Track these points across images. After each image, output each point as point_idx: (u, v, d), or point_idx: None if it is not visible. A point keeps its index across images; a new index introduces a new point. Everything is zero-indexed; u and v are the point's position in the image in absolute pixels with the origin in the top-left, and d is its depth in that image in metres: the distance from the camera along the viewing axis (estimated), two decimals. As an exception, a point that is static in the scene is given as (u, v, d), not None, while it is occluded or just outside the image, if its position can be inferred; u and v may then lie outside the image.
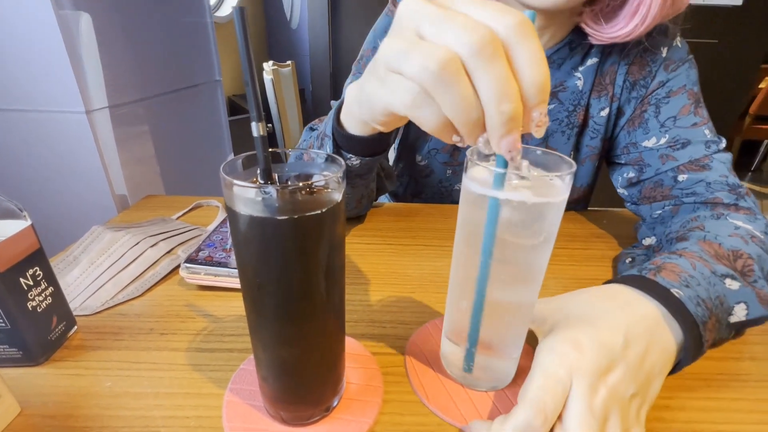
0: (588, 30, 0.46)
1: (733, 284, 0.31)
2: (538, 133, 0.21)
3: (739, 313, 0.31)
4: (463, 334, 0.28)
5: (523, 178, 0.24)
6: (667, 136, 0.48)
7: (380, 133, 0.33)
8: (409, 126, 0.60)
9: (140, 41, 0.74)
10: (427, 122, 0.21)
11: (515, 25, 0.19)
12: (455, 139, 0.22)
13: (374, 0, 2.20)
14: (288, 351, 0.24)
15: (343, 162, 0.22)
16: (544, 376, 0.24)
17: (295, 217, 0.19)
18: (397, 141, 0.63)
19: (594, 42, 0.47)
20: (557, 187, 0.24)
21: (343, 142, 0.37)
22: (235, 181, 0.19)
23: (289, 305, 0.22)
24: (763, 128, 3.04)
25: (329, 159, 0.23)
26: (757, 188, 3.16)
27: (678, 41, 0.50)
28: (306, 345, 0.24)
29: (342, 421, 0.26)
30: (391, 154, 0.69)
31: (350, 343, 0.33)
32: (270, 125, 1.77)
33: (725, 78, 2.16)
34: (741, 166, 3.44)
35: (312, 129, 0.51)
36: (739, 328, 0.33)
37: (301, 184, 0.19)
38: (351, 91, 0.32)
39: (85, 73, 0.55)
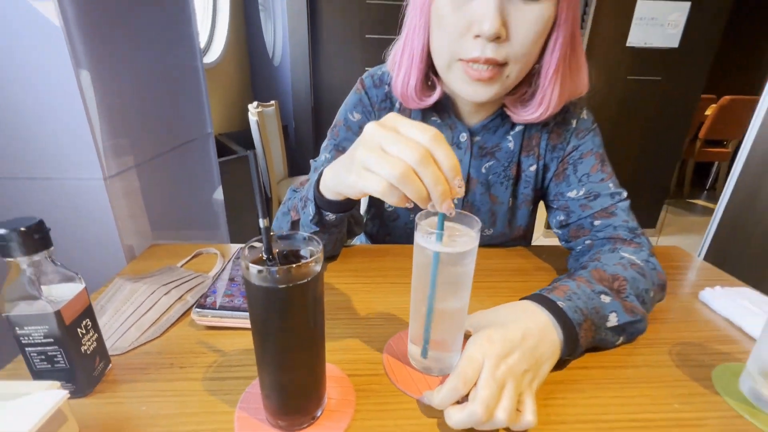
0: (508, 112, 0.59)
1: (606, 299, 0.44)
2: (460, 193, 0.34)
3: (613, 320, 0.44)
4: (420, 336, 0.40)
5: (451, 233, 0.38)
6: (583, 189, 0.62)
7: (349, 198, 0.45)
8: None
9: (145, 99, 0.82)
10: (390, 200, 0.34)
11: (433, 136, 0.33)
12: (408, 205, 0.35)
13: (352, 40, 2.37)
14: (285, 375, 0.33)
15: (320, 241, 0.33)
16: (467, 358, 0.36)
17: (291, 285, 0.29)
18: None
19: (514, 121, 0.60)
20: (472, 237, 0.37)
21: (322, 204, 0.50)
22: (250, 264, 0.29)
23: (286, 344, 0.32)
24: (712, 151, 3.32)
25: (310, 239, 0.34)
26: (712, 206, 3.41)
27: (584, 114, 0.64)
28: (298, 371, 0.34)
29: (324, 426, 0.36)
30: (364, 202, 0.81)
31: (330, 368, 0.42)
32: (253, 150, 1.87)
33: (671, 108, 2.40)
34: (697, 186, 3.72)
35: (295, 191, 0.62)
36: (628, 336, 0.46)
37: (294, 265, 0.29)
38: (327, 173, 0.44)
39: (101, 139, 0.65)
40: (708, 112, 3.19)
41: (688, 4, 2.13)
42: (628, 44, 2.21)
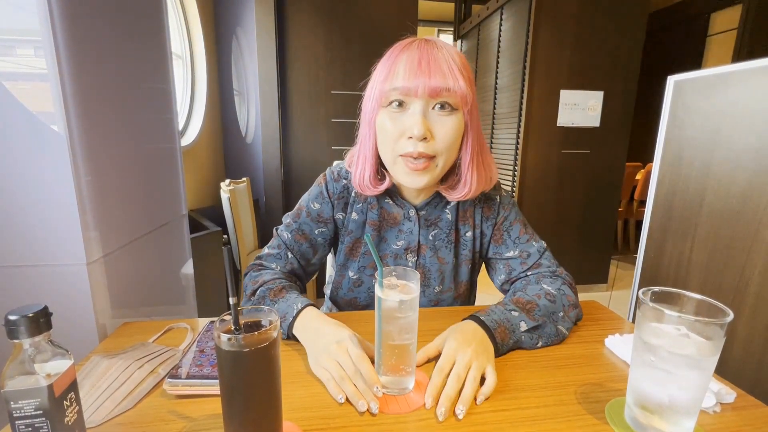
0: (444, 194, 0.77)
1: (515, 313, 0.66)
2: (379, 394, 0.52)
3: (523, 326, 0.65)
4: (378, 362, 0.56)
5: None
6: (518, 249, 0.79)
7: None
8: (344, 254, 0.84)
9: (127, 184, 0.90)
10: (333, 391, 0.54)
11: (357, 357, 0.54)
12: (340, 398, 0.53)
13: (318, 122, 2.61)
14: (249, 427, 0.40)
15: (277, 314, 0.42)
16: (445, 353, 0.57)
17: (253, 349, 0.38)
18: (336, 263, 0.87)
19: (449, 199, 0.77)
20: (413, 288, 0.50)
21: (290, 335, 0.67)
22: (221, 334, 0.38)
23: (249, 399, 0.39)
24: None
25: (269, 311, 0.43)
26: (655, 259, 3.71)
27: (503, 193, 0.83)
28: (259, 424, 0.41)
29: (281, 475, 0.42)
30: (332, 271, 0.91)
31: (288, 425, 0.49)
32: (226, 236, 1.94)
33: (602, 175, 2.73)
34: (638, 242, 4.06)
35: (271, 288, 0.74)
36: (546, 339, 0.67)
37: (256, 332, 0.38)
38: (300, 335, 0.65)
39: (86, 227, 0.73)
40: (639, 176, 3.63)
41: (602, 93, 2.56)
42: (558, 124, 2.58)
